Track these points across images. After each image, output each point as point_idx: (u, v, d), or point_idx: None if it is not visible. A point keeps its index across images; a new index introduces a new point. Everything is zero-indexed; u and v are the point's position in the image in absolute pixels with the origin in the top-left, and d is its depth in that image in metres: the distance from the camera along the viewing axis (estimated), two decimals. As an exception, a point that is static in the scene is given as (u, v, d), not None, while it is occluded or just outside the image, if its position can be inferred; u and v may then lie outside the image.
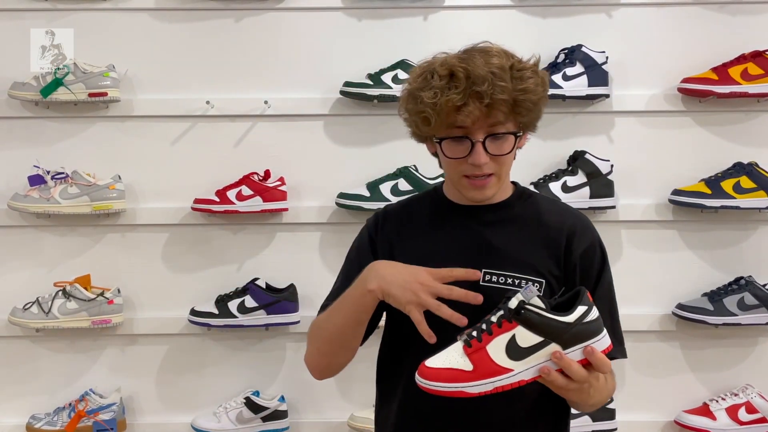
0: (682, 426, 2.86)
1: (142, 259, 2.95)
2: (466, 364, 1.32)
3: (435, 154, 1.69)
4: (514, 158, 1.63)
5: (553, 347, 1.31)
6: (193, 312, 2.84)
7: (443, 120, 1.53)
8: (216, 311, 2.83)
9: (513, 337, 1.32)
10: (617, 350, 1.59)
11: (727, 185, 2.81)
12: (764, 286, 2.83)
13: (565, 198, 2.79)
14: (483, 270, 1.59)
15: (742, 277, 2.85)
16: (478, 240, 1.63)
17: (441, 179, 2.78)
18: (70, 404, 2.86)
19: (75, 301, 2.82)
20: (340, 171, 2.92)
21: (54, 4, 2.88)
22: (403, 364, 1.63)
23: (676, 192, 2.85)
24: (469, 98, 1.50)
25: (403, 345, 1.63)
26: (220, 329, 2.86)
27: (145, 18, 2.91)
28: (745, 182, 2.81)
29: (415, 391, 1.40)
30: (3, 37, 2.90)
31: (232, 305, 2.82)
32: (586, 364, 1.34)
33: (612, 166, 2.83)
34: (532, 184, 2.82)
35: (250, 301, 2.82)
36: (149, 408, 2.98)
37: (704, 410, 2.86)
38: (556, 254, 1.62)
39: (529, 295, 1.32)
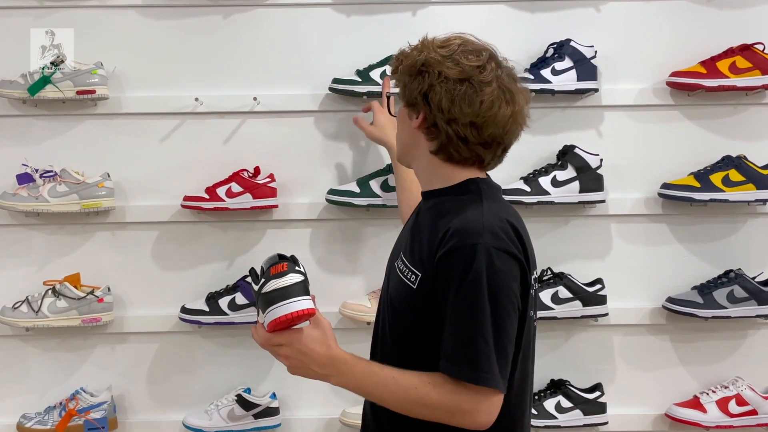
0: (673, 419, 2.87)
1: (131, 257, 2.94)
2: None
3: None
4: (420, 139, 1.72)
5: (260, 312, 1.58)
6: (184, 309, 2.83)
7: None
8: (207, 309, 2.82)
9: None
10: (454, 369, 1.54)
11: (716, 178, 2.82)
12: (753, 278, 2.84)
13: (555, 192, 2.80)
14: (400, 254, 1.75)
15: (731, 270, 2.86)
16: (409, 226, 1.82)
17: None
18: (60, 403, 2.85)
19: (65, 300, 2.81)
20: (329, 167, 2.92)
21: (41, 1, 2.86)
22: None
23: (665, 186, 2.86)
24: None
25: None
26: (210, 327, 2.85)
27: (133, 15, 2.90)
28: (734, 175, 2.82)
29: None
30: (-12, 35, 2.89)
31: (223, 302, 2.82)
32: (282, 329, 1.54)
33: (601, 160, 2.84)
34: (521, 179, 2.83)
35: (240, 298, 2.82)
36: (140, 406, 2.98)
37: (695, 403, 2.88)
38: (430, 251, 1.61)
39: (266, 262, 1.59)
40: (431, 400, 1.54)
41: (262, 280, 1.54)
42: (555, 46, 2.87)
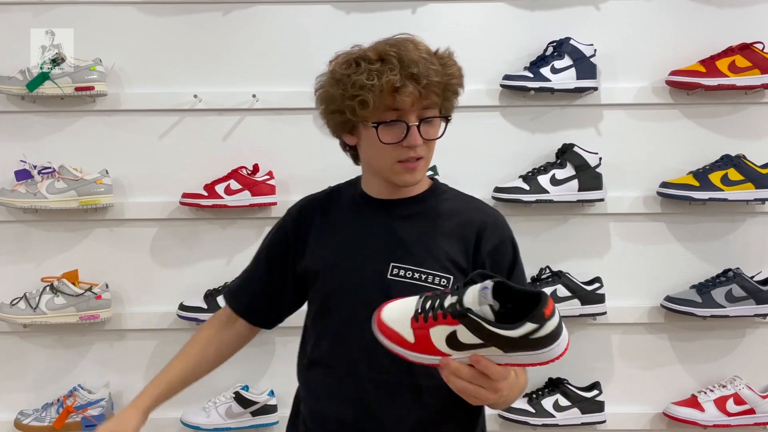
0: (671, 418, 2.87)
1: (130, 254, 2.93)
2: (410, 336, 1.35)
3: (348, 149, 1.78)
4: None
5: (493, 350, 1.29)
6: (182, 307, 2.83)
7: (381, 102, 1.55)
8: (205, 306, 2.82)
9: (455, 332, 1.30)
10: None
11: (715, 177, 2.82)
12: (752, 278, 2.84)
13: (553, 191, 2.80)
14: (391, 264, 1.63)
15: (730, 269, 2.86)
16: (389, 234, 1.68)
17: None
18: (58, 400, 2.85)
19: (63, 297, 2.80)
20: (328, 165, 2.90)
21: (40, -3, 2.87)
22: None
23: (664, 184, 2.86)
24: (407, 80, 1.53)
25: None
26: (209, 324, 2.85)
27: (132, 11, 2.90)
28: (733, 174, 2.82)
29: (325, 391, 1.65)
30: (-12, 31, 2.88)
31: (221, 300, 2.81)
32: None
33: (600, 158, 2.84)
34: (520, 177, 2.83)
35: (239, 296, 2.81)
36: (138, 403, 2.97)
37: (693, 402, 2.88)
38: (466, 250, 1.65)
39: (482, 300, 1.28)
40: (523, 380, 1.61)
41: (532, 325, 1.24)
42: (554, 44, 2.86)
